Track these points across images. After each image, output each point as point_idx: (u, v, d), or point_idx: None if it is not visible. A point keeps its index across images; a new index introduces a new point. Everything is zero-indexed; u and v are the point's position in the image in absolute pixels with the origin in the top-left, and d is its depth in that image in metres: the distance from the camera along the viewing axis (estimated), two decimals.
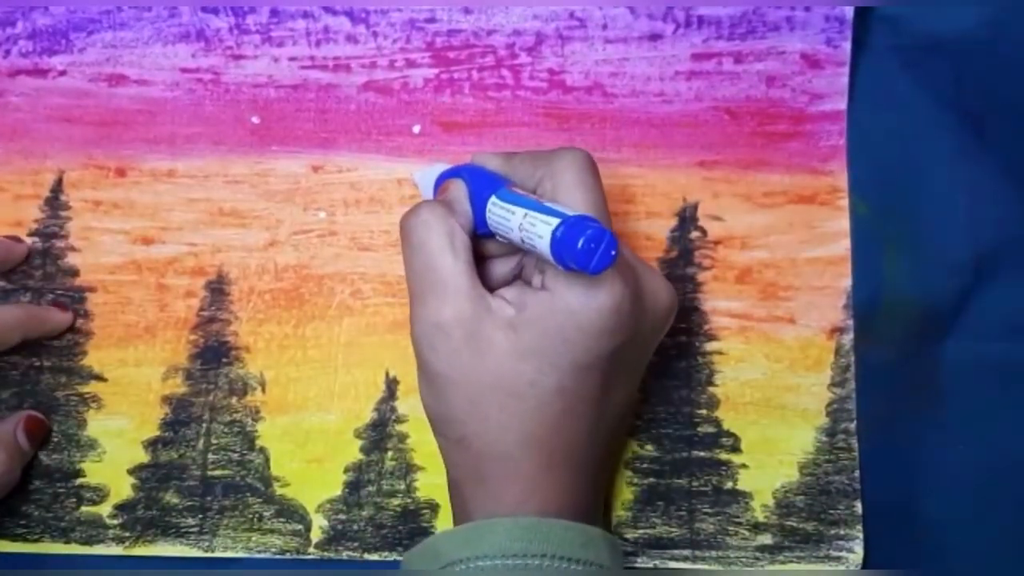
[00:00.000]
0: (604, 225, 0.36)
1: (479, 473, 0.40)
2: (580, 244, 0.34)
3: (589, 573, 0.38)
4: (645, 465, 0.46)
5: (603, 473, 0.43)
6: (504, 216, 0.38)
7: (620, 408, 0.41)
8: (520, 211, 0.37)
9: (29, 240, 0.48)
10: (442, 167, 0.43)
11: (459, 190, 0.41)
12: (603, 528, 0.40)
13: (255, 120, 0.49)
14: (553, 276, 0.38)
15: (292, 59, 0.49)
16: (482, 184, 0.40)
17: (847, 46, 0.48)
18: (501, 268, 0.42)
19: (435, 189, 0.43)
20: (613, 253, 0.35)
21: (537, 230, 0.36)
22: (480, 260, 0.41)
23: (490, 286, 0.40)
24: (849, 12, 0.48)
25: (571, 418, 0.39)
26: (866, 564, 0.45)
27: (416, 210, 0.40)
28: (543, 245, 0.35)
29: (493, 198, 0.39)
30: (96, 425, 0.47)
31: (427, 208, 0.40)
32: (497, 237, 0.40)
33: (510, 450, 0.39)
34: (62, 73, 0.49)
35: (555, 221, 0.35)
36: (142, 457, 0.47)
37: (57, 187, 0.49)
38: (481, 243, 0.41)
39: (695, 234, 0.48)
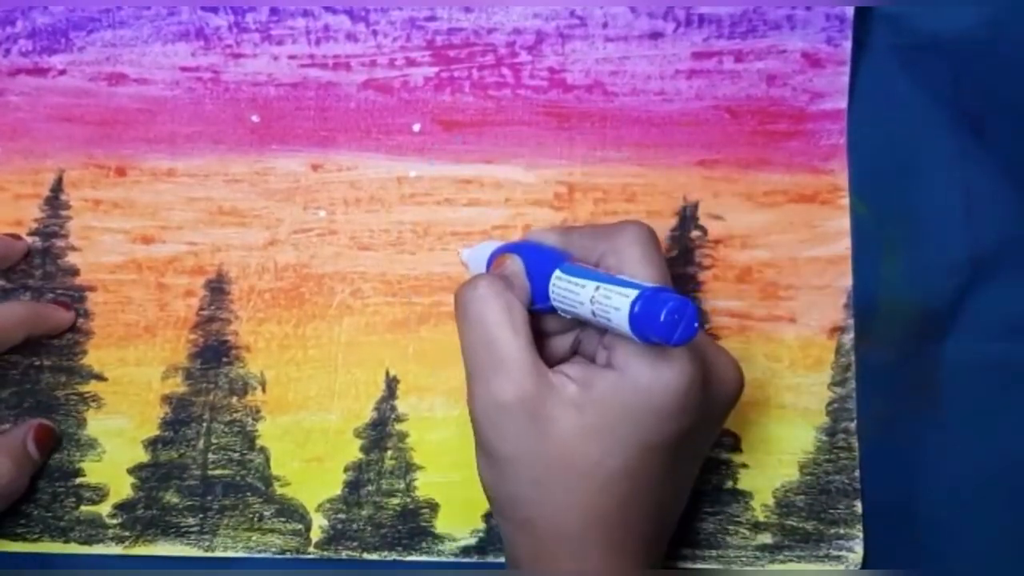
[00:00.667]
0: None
1: (543, 554, 0.39)
2: (663, 316, 0.33)
3: None
4: None
5: (661, 551, 0.42)
6: (572, 290, 0.37)
7: (683, 490, 0.41)
8: (591, 284, 0.36)
9: (29, 239, 0.48)
10: (494, 244, 0.43)
11: (516, 264, 0.40)
12: None
13: (255, 119, 0.49)
14: (623, 354, 0.37)
15: (292, 57, 0.49)
16: (541, 259, 0.39)
17: (847, 45, 0.48)
18: (559, 344, 0.41)
19: (488, 266, 0.42)
20: (696, 325, 0.34)
21: (613, 302, 0.35)
22: (536, 336, 0.40)
23: (547, 363, 0.39)
24: (849, 11, 0.48)
25: (637, 499, 0.38)
26: (866, 564, 0.45)
27: (473, 283, 0.39)
28: (620, 318, 0.34)
29: (558, 272, 0.38)
30: (96, 424, 0.47)
31: (485, 282, 0.39)
32: (559, 312, 0.39)
33: (575, 531, 0.38)
34: (62, 72, 0.49)
35: (633, 293, 0.34)
36: (142, 456, 0.47)
37: (57, 186, 0.49)
38: (536, 319, 0.40)
39: (695, 233, 0.48)
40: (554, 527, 0.38)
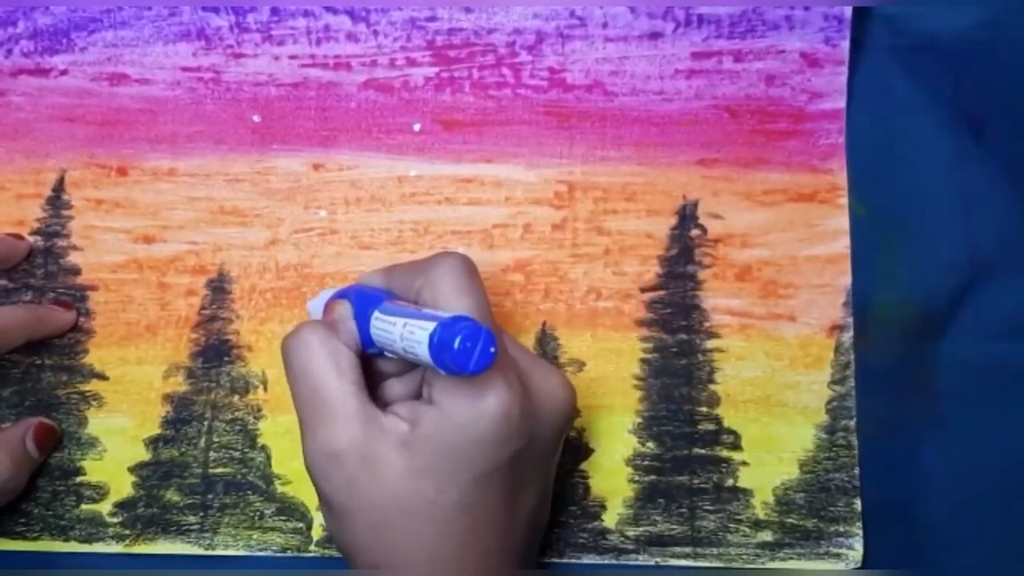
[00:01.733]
0: (485, 324, 0.35)
1: None
2: (456, 344, 0.33)
3: None
4: (646, 462, 0.46)
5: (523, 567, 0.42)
6: (386, 329, 0.37)
7: (532, 515, 0.40)
8: (400, 321, 0.36)
9: (31, 239, 0.49)
10: (330, 291, 0.42)
11: (344, 309, 0.40)
12: None
13: (256, 119, 0.49)
14: (440, 388, 0.37)
15: (293, 57, 0.49)
16: (366, 302, 0.39)
17: (846, 45, 0.48)
18: (402, 387, 0.41)
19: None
20: (492, 350, 0.34)
21: (416, 337, 0.35)
22: (381, 379, 0.41)
23: (391, 405, 0.39)
24: (848, 11, 0.48)
25: (479, 532, 0.38)
26: (865, 561, 0.45)
27: (297, 331, 0.39)
28: (423, 351, 0.34)
29: (376, 313, 0.38)
30: (97, 423, 0.47)
31: (308, 328, 0.39)
32: (386, 353, 0.39)
33: (422, 573, 0.38)
34: (63, 72, 0.50)
35: (431, 325, 0.34)
36: (143, 455, 0.47)
37: (59, 186, 0.49)
38: (378, 363, 0.40)
39: (695, 232, 0.48)
40: (401, 571, 0.38)
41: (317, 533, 0.46)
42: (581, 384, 0.47)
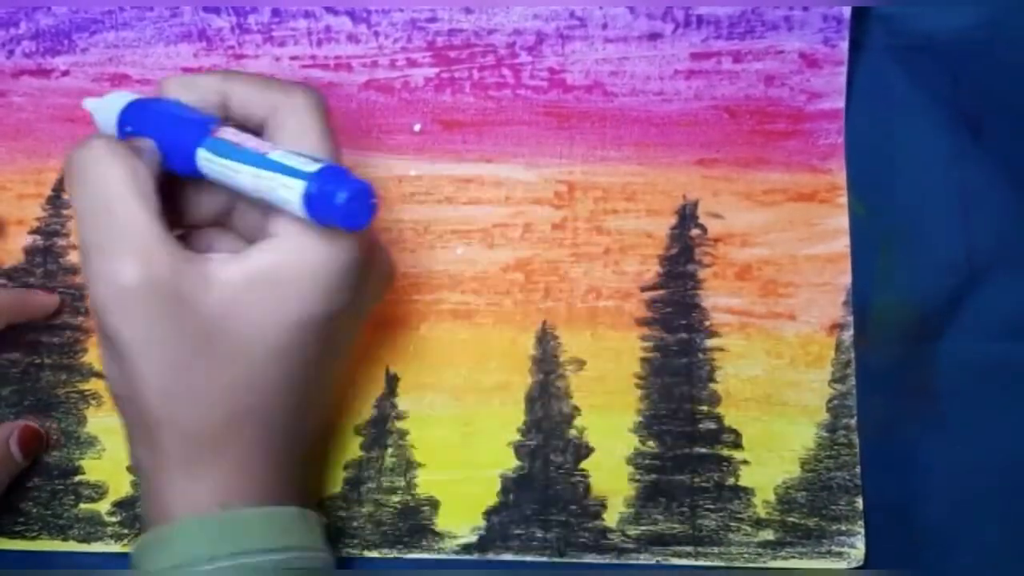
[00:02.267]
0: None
1: (179, 460, 0.36)
2: (341, 200, 0.32)
3: (291, 561, 0.37)
4: (647, 461, 0.46)
5: (316, 458, 0.42)
6: (225, 174, 0.34)
7: (333, 387, 0.40)
8: (248, 170, 0.34)
9: (31, 238, 0.48)
10: (122, 96, 0.38)
11: (147, 142, 0.36)
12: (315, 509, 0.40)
13: None
14: (285, 225, 0.34)
15: (293, 58, 0.49)
16: (183, 131, 0.35)
17: (844, 45, 0.48)
18: (200, 213, 0.38)
19: (120, 130, 0.37)
20: (373, 201, 0.33)
21: (281, 193, 0.33)
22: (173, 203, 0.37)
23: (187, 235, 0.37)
24: (846, 12, 0.48)
25: (287, 389, 0.36)
26: (867, 560, 0.45)
27: (88, 143, 0.35)
28: (294, 203, 0.33)
29: (205, 152, 0.35)
30: (96, 422, 0.47)
31: (102, 142, 0.35)
32: (211, 181, 0.36)
33: (218, 430, 0.35)
34: (65, 73, 0.50)
35: (304, 179, 0.32)
36: None
37: (59, 186, 0.49)
38: (174, 185, 0.37)
39: (695, 231, 0.48)
40: (192, 426, 0.35)
41: None
42: (582, 383, 0.47)
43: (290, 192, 0.33)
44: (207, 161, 0.35)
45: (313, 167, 0.33)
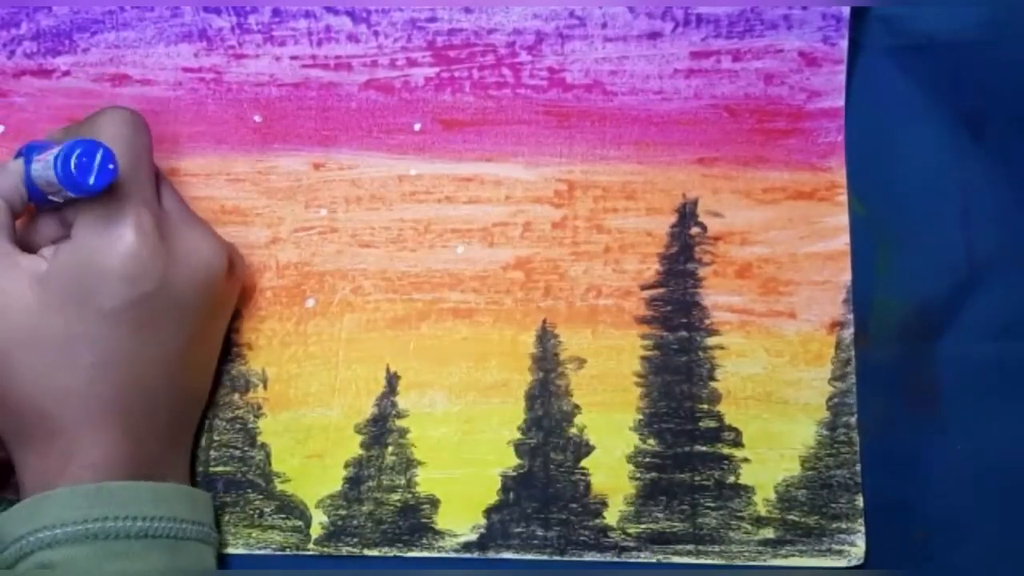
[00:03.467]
0: (147, 177, 0.41)
1: (22, 437, 0.40)
2: (74, 160, 0.37)
3: (159, 529, 0.40)
4: (647, 460, 0.46)
5: (175, 433, 0.44)
6: (37, 169, 0.40)
7: (173, 368, 0.42)
8: (46, 156, 0.39)
9: None
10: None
11: (16, 165, 0.41)
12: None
13: (257, 119, 0.49)
14: (78, 223, 0.40)
15: (294, 58, 0.49)
16: (35, 151, 0.41)
17: (844, 43, 0.48)
18: (54, 232, 0.43)
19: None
20: (111, 167, 0.38)
21: (47, 163, 0.38)
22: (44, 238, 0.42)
23: None
24: (846, 10, 0.48)
25: (106, 371, 0.40)
26: (867, 558, 0.45)
27: None
28: (52, 175, 0.38)
29: (35, 156, 0.40)
30: None
31: None
32: (49, 197, 0.41)
33: (48, 408, 0.40)
34: (66, 73, 0.50)
35: (58, 148, 0.38)
36: None
37: None
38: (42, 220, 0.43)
39: (695, 230, 0.48)
40: (25, 403, 0.40)
41: (316, 531, 0.46)
42: (582, 382, 0.47)
43: (51, 160, 0.38)
44: (35, 163, 0.40)
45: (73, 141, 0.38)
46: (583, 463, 0.46)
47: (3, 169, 0.41)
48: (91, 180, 0.38)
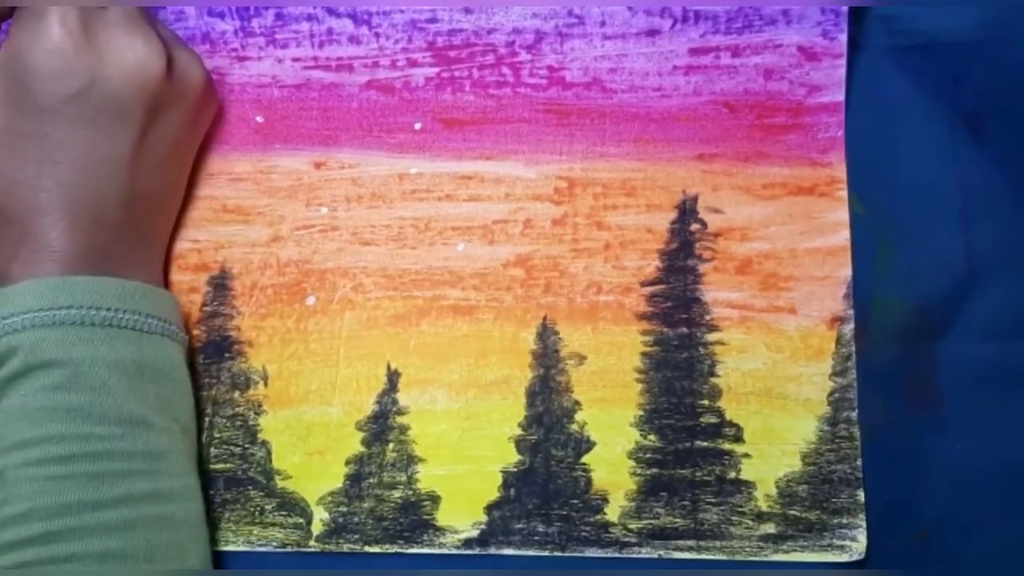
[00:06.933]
0: None
1: (16, 237, 0.42)
2: None
3: (124, 320, 0.41)
4: (648, 455, 0.46)
5: (132, 233, 0.44)
6: None
7: (115, 165, 0.43)
8: None
9: None
10: None
11: None
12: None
13: (259, 119, 0.50)
14: (14, 22, 0.42)
15: (296, 60, 0.50)
16: None
17: (843, 38, 0.48)
18: None
19: None
20: None
21: None
22: None
23: None
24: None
25: (52, 166, 0.42)
26: (868, 554, 0.45)
27: None
28: None
29: None
30: None
31: None
32: None
33: (37, 207, 0.41)
34: None
35: None
36: None
37: None
38: None
39: (695, 226, 0.48)
40: (15, 206, 0.42)
41: (317, 528, 0.46)
42: (582, 378, 0.47)
43: None
44: None
45: None
46: (584, 459, 0.46)
47: None
48: None
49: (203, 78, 0.46)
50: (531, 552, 0.46)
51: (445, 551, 0.46)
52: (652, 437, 0.46)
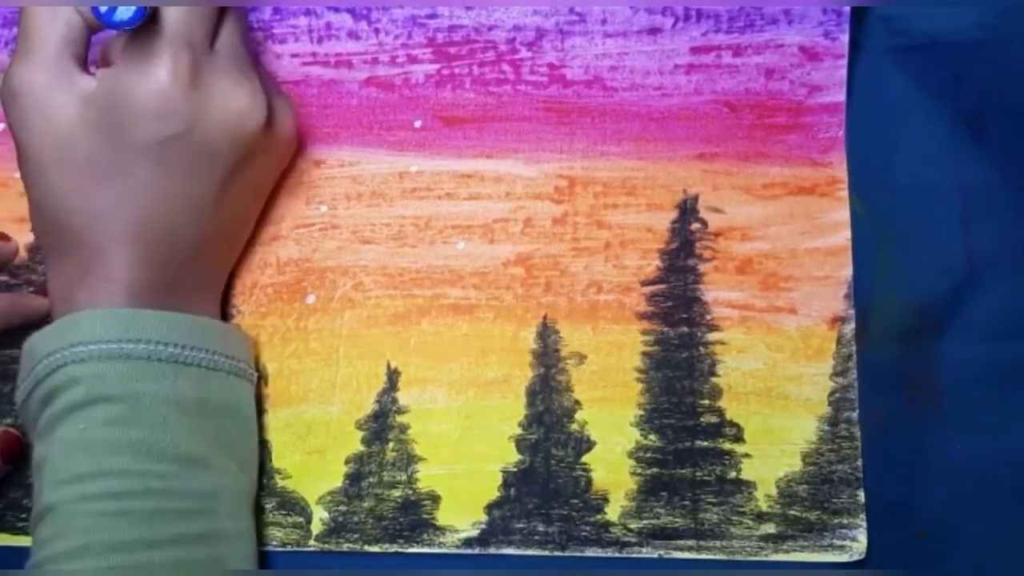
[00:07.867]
0: (199, 18, 0.41)
1: (52, 244, 0.42)
2: None
3: (190, 357, 0.41)
4: (648, 455, 0.46)
5: (203, 272, 0.45)
6: None
7: (196, 207, 0.43)
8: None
9: (34, 236, 0.49)
10: None
11: None
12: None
13: None
14: (123, 55, 0.41)
15: (294, 56, 0.49)
16: None
17: (845, 39, 0.48)
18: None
19: None
20: (134, 9, 0.39)
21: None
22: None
23: None
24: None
25: (133, 200, 0.41)
26: (868, 554, 0.45)
27: None
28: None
29: None
30: None
31: None
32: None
33: (75, 221, 0.41)
34: None
35: None
36: None
37: None
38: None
39: (696, 226, 0.48)
40: (59, 218, 0.41)
41: (317, 527, 0.46)
42: (583, 377, 0.47)
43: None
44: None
45: None
46: (584, 459, 0.46)
47: None
48: (118, 15, 0.39)
49: (295, 128, 0.46)
50: (531, 552, 0.46)
51: (445, 551, 0.46)
52: (652, 437, 0.46)
